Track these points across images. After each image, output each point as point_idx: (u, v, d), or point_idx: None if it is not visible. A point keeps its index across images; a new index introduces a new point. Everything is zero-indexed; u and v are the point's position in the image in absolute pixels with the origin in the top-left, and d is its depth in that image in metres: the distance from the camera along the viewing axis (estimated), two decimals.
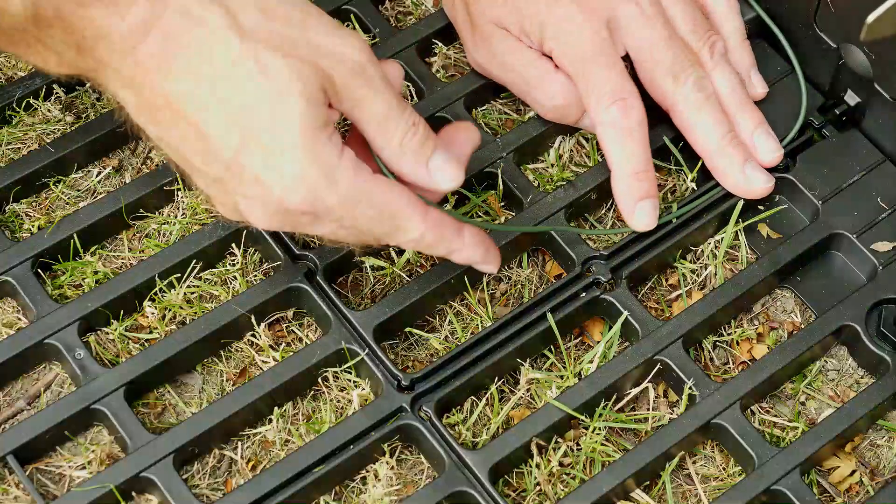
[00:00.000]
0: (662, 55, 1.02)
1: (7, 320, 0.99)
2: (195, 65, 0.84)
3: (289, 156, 0.85)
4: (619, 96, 0.99)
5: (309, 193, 0.86)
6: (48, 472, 0.94)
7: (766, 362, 0.98)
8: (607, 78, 1.00)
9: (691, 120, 1.02)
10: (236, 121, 0.84)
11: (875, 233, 1.03)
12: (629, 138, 1.00)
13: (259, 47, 0.84)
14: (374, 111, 0.88)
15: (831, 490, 0.96)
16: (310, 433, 0.96)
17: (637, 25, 1.02)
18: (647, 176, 1.00)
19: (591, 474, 0.95)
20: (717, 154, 1.02)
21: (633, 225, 1.00)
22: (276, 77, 0.84)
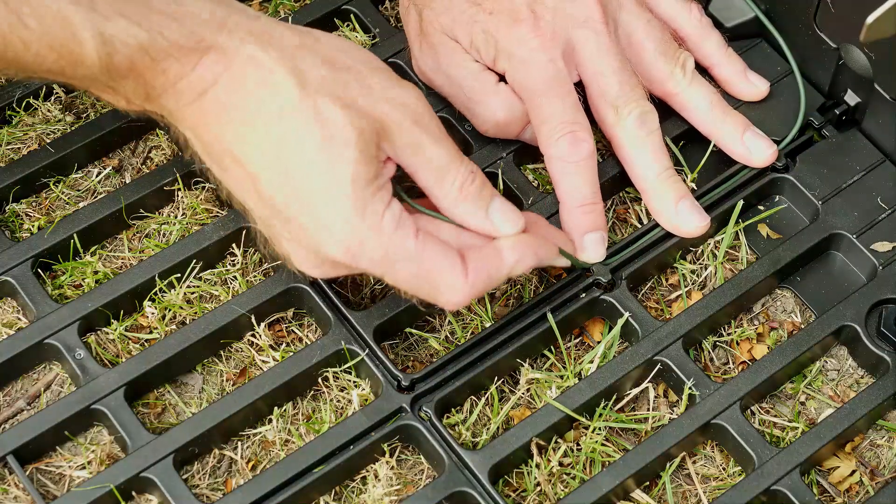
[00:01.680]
0: (608, 86, 1.01)
1: (7, 320, 0.99)
2: (255, 113, 0.86)
3: (335, 207, 0.86)
4: (569, 129, 0.98)
5: (351, 247, 0.87)
6: (48, 472, 0.94)
7: (766, 362, 0.98)
8: (559, 110, 0.99)
9: (630, 155, 1.02)
10: (288, 169, 0.86)
11: (875, 233, 1.03)
12: (577, 172, 0.99)
13: (318, 97, 0.86)
14: (433, 158, 0.89)
15: (831, 490, 0.96)
16: (310, 433, 0.96)
17: (590, 53, 1.00)
18: (594, 209, 0.99)
19: (591, 474, 0.95)
20: (653, 191, 1.02)
21: (582, 257, 0.99)
22: (332, 126, 0.85)
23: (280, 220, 0.88)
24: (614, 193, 1.06)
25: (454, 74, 1.02)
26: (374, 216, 0.87)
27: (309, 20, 1.10)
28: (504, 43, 0.99)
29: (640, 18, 1.03)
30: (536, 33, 0.99)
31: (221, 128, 0.87)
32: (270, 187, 0.87)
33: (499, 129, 1.03)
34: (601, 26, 1.00)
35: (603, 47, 1.00)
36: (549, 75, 0.99)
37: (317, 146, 0.85)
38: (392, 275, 0.89)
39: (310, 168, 0.86)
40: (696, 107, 1.04)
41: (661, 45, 1.03)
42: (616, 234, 1.05)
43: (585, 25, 1.00)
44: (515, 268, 0.92)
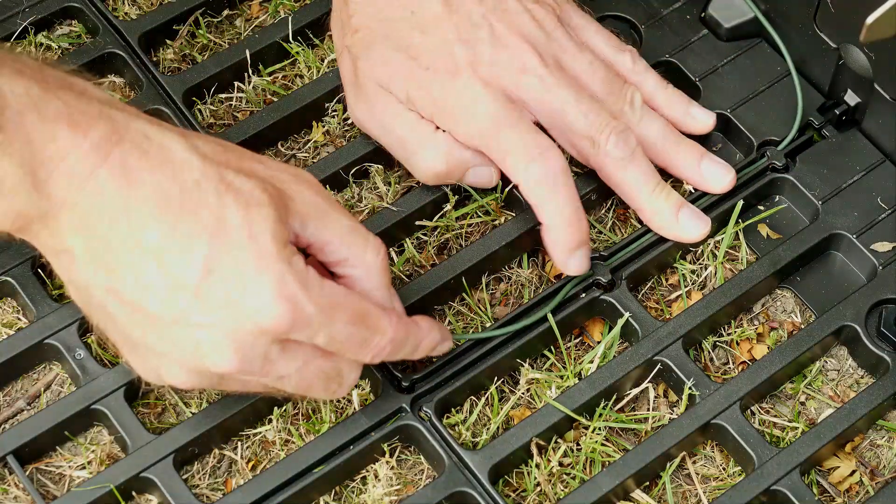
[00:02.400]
0: (574, 119, 0.99)
1: (7, 320, 0.99)
2: (158, 186, 0.81)
3: (263, 268, 0.81)
4: (535, 152, 0.97)
5: (288, 305, 0.81)
6: (48, 472, 0.94)
7: (766, 362, 0.98)
8: (516, 138, 0.97)
9: (618, 179, 1.01)
10: (202, 241, 0.80)
11: (875, 233, 1.03)
12: (555, 191, 0.97)
13: (221, 168, 0.82)
14: (344, 225, 0.87)
15: (831, 490, 0.96)
16: (310, 433, 0.96)
17: (539, 94, 0.99)
18: (579, 225, 0.98)
19: (591, 474, 0.95)
20: (650, 208, 1.01)
21: (568, 271, 0.98)
22: (243, 191, 0.82)
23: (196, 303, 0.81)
24: (614, 193, 1.06)
25: (390, 125, 1.00)
26: (300, 273, 0.83)
27: (309, 20, 1.10)
28: (442, 99, 0.98)
29: (581, 61, 1.01)
30: (476, 81, 0.97)
31: (121, 205, 0.80)
32: (182, 265, 0.80)
33: (439, 179, 1.01)
34: (542, 69, 0.98)
35: (551, 85, 0.99)
36: (497, 111, 0.97)
37: (232, 213, 0.81)
38: (329, 329, 0.84)
39: (230, 236, 0.81)
40: (649, 140, 1.02)
41: (606, 85, 1.01)
42: (616, 234, 1.05)
43: (525, 72, 0.98)
44: (426, 337, 0.91)
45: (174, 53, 1.11)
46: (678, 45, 1.11)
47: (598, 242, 1.04)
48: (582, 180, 1.04)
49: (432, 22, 0.99)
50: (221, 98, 1.09)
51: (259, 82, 1.09)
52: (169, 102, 1.06)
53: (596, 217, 1.06)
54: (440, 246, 1.04)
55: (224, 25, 1.13)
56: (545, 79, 0.99)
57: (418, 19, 0.99)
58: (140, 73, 1.07)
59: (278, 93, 1.09)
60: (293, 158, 1.07)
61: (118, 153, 0.80)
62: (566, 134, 1.00)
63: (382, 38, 0.99)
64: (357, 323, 0.86)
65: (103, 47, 1.09)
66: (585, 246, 0.98)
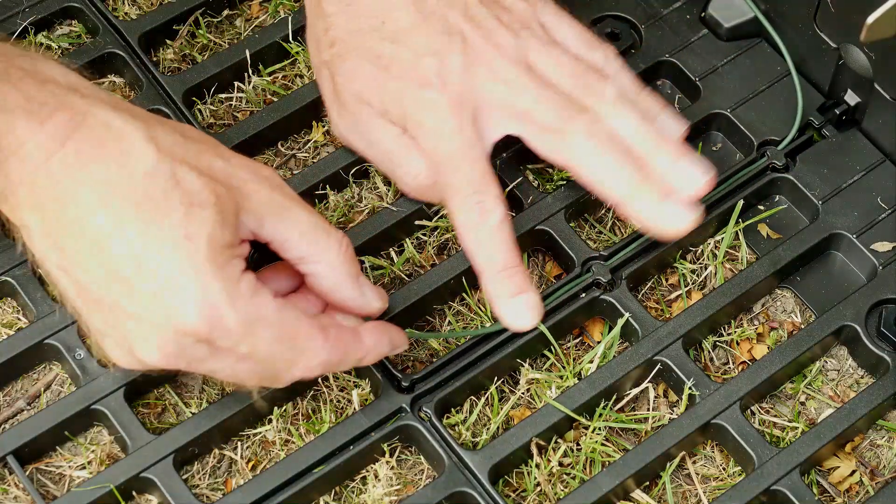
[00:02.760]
0: (542, 115, 0.96)
1: (7, 320, 0.99)
2: (108, 175, 0.82)
3: (191, 270, 0.81)
4: (478, 198, 0.95)
5: (208, 312, 0.82)
6: (48, 472, 0.94)
7: (766, 362, 0.98)
8: (466, 180, 0.95)
9: (592, 172, 0.97)
10: (142, 232, 0.81)
11: (875, 233, 1.03)
12: (491, 239, 0.95)
13: (175, 163, 0.83)
14: (303, 221, 0.87)
15: (831, 490, 0.96)
16: (310, 433, 0.96)
17: (507, 99, 0.97)
18: (516, 271, 0.96)
19: (591, 474, 0.95)
20: (631, 198, 0.96)
21: (510, 324, 0.96)
22: (190, 190, 0.82)
23: (127, 293, 0.82)
24: None
25: (374, 139, 1.00)
26: (230, 281, 0.82)
27: None
28: (411, 109, 0.97)
29: (549, 57, 0.99)
30: (443, 99, 0.96)
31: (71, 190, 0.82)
32: (119, 253, 0.81)
33: (422, 192, 1.00)
34: (510, 74, 0.97)
35: (519, 88, 0.97)
36: (457, 144, 0.96)
37: (174, 208, 0.82)
38: (251, 343, 0.83)
39: (167, 232, 0.81)
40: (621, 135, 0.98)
41: (575, 79, 0.99)
42: (616, 235, 1.05)
43: (494, 77, 0.97)
44: (371, 352, 0.90)
45: (174, 53, 1.11)
46: (678, 45, 1.11)
47: (598, 242, 1.04)
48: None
49: (403, 32, 0.97)
50: (221, 98, 1.09)
51: (259, 82, 1.09)
52: (169, 102, 1.06)
53: (596, 217, 1.06)
54: (440, 246, 1.04)
55: (224, 25, 1.13)
56: (512, 83, 0.97)
57: (389, 29, 0.98)
58: (140, 73, 1.07)
59: (278, 93, 1.09)
60: (293, 158, 1.07)
61: (73, 141, 0.82)
62: (537, 137, 0.98)
63: (355, 50, 0.98)
64: (283, 342, 0.85)
65: (103, 47, 1.09)
66: (525, 294, 0.96)
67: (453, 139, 0.96)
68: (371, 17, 0.98)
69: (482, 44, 0.98)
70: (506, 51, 0.98)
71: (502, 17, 0.99)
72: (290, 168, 1.07)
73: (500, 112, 0.97)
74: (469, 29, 0.98)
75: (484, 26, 0.98)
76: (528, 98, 0.97)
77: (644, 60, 1.10)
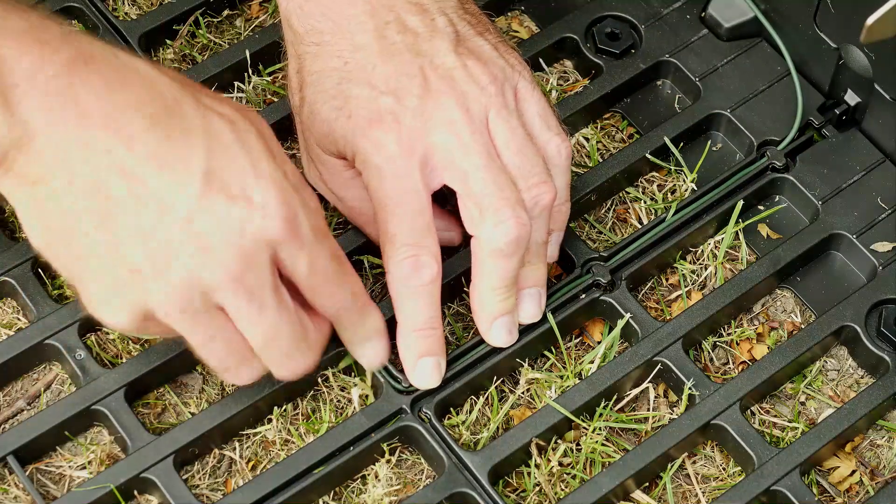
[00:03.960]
0: (474, 184, 0.92)
1: (7, 321, 0.99)
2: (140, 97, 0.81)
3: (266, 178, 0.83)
4: (413, 252, 0.92)
5: (289, 215, 0.83)
6: (48, 472, 0.94)
7: (766, 362, 0.98)
8: (406, 229, 0.92)
9: (482, 263, 0.94)
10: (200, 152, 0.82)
11: (875, 233, 1.03)
12: (417, 296, 0.93)
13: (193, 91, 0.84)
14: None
15: (831, 490, 0.96)
16: (310, 433, 0.96)
17: (454, 156, 0.93)
18: (432, 333, 0.94)
19: (591, 474, 0.95)
20: (484, 304, 0.95)
21: (414, 381, 0.95)
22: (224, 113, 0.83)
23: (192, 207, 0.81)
24: (614, 193, 1.06)
25: (343, 196, 0.99)
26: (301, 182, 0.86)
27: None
28: (361, 147, 0.93)
29: (507, 125, 0.95)
30: (394, 138, 0.93)
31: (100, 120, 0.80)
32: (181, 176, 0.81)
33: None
34: (464, 127, 0.93)
35: (468, 146, 0.93)
36: (401, 190, 0.92)
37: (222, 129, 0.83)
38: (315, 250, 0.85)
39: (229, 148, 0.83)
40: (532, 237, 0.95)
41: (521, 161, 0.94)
42: (616, 234, 1.05)
43: (447, 128, 0.93)
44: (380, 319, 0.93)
45: (174, 53, 1.11)
46: (678, 45, 1.11)
47: (598, 242, 1.04)
48: (581, 180, 1.04)
49: (364, 71, 0.95)
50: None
51: (259, 82, 1.09)
52: None
53: (596, 217, 1.06)
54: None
55: (224, 25, 1.13)
56: (463, 137, 0.93)
57: (351, 69, 0.95)
58: None
59: (278, 93, 1.09)
60: (293, 158, 1.07)
61: (91, 70, 0.80)
62: (462, 199, 0.94)
63: (317, 93, 0.96)
64: (335, 259, 0.87)
65: None
66: (436, 357, 0.95)
67: (398, 184, 0.93)
68: (336, 56, 0.95)
69: (444, 89, 0.94)
70: (466, 102, 0.94)
71: (473, 70, 0.95)
72: None
73: (442, 162, 0.94)
74: (433, 73, 0.94)
75: (450, 74, 0.95)
76: (471, 160, 0.93)
77: (644, 60, 1.10)
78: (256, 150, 0.83)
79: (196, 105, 0.83)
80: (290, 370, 0.89)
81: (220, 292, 0.83)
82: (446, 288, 0.99)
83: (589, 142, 1.08)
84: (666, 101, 1.11)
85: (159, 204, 0.81)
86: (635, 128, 1.10)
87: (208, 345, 0.86)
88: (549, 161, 0.97)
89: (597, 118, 1.10)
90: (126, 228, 0.81)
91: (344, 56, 0.95)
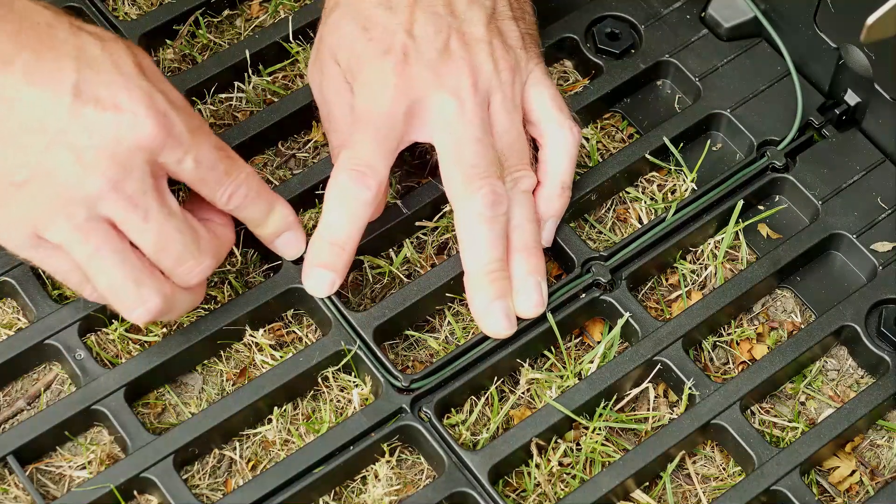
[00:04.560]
0: (466, 153, 0.96)
1: (7, 321, 0.99)
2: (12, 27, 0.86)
3: (134, 87, 0.86)
4: (363, 169, 0.95)
5: (161, 120, 0.86)
6: (48, 472, 0.94)
7: (766, 362, 0.98)
8: (367, 146, 0.95)
9: (467, 233, 0.96)
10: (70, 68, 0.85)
11: (875, 233, 1.03)
12: (345, 206, 0.95)
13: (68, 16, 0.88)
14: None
15: (831, 490, 0.96)
16: (310, 433, 0.96)
17: (450, 120, 0.96)
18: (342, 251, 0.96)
19: (591, 474, 0.95)
20: (474, 279, 0.96)
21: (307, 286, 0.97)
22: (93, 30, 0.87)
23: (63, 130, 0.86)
24: (614, 193, 1.06)
25: (330, 100, 1.00)
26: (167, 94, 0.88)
27: (309, 20, 1.10)
28: (366, 67, 0.97)
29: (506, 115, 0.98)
30: (397, 75, 0.96)
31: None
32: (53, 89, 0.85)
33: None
34: (469, 97, 0.97)
35: (468, 116, 0.97)
36: (382, 114, 0.96)
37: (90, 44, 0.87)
38: (196, 149, 0.88)
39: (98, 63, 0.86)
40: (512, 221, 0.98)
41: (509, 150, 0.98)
42: (616, 234, 1.05)
43: (452, 92, 0.97)
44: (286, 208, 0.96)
45: (174, 53, 1.11)
46: (678, 45, 1.11)
47: (598, 242, 1.04)
48: (581, 180, 1.04)
49: (399, 8, 0.98)
50: (221, 98, 1.09)
51: (259, 82, 1.09)
52: None
53: (596, 217, 1.06)
54: (440, 246, 1.04)
55: (224, 25, 1.13)
56: (464, 108, 0.97)
57: (390, 2, 0.98)
58: None
59: (278, 93, 1.09)
60: (293, 158, 1.07)
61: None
62: (451, 167, 0.97)
63: (350, 7, 0.99)
64: (220, 149, 0.90)
65: None
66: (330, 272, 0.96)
67: (383, 107, 0.96)
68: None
69: (463, 55, 0.98)
70: (478, 76, 0.98)
71: (497, 50, 0.99)
72: (290, 168, 1.07)
73: (437, 122, 0.97)
74: (457, 38, 0.98)
75: (473, 45, 0.98)
76: (468, 134, 0.96)
77: (644, 60, 1.10)
78: (125, 64, 0.87)
79: (69, 28, 0.87)
80: (185, 275, 0.91)
81: (102, 202, 0.86)
82: (447, 287, 0.99)
83: (589, 142, 1.08)
84: (666, 101, 1.11)
85: (34, 120, 0.85)
86: (635, 128, 1.10)
87: (96, 257, 0.88)
88: (558, 146, 1.00)
89: (597, 118, 1.10)
90: (8, 146, 0.86)
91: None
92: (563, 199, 1.00)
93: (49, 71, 0.85)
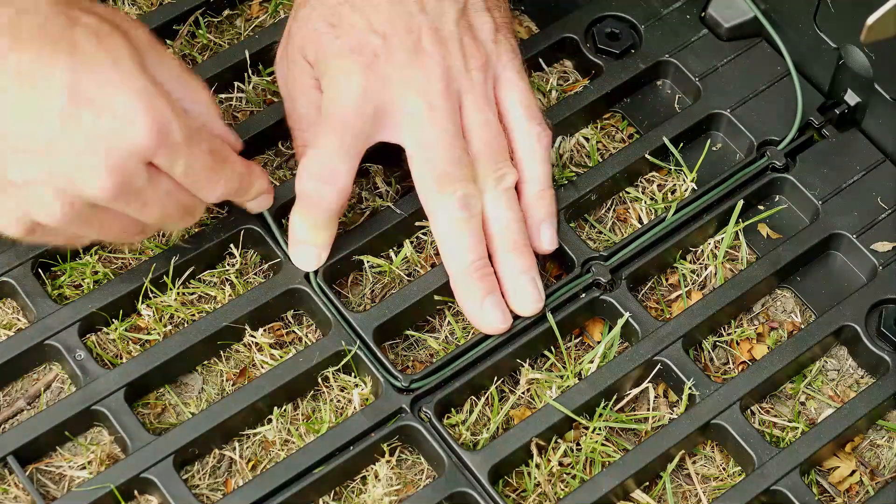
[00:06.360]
0: (436, 154, 0.96)
1: (7, 321, 0.99)
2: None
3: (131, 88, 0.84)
4: (326, 169, 0.95)
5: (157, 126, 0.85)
6: (48, 472, 0.94)
7: (766, 362, 0.98)
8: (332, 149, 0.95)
9: (444, 237, 0.97)
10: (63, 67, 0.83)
11: (875, 233, 1.03)
12: (307, 210, 0.96)
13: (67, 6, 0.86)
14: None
15: (831, 490, 0.96)
16: (310, 433, 0.96)
17: (420, 121, 0.96)
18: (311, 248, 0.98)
19: (591, 474, 0.95)
20: (460, 281, 0.97)
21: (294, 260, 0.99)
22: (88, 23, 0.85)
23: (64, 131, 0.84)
24: (614, 193, 1.06)
25: (297, 99, 1.00)
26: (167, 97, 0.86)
27: None
28: (333, 65, 0.96)
29: (478, 112, 0.98)
30: (364, 74, 0.95)
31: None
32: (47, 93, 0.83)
33: None
34: (439, 99, 0.96)
35: (438, 117, 0.96)
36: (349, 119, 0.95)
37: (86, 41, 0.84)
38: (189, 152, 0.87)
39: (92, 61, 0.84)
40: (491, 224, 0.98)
41: (486, 149, 0.98)
42: (616, 234, 1.05)
43: (421, 94, 0.96)
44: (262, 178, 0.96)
45: (174, 53, 1.11)
46: (678, 45, 1.11)
47: (598, 242, 1.04)
48: (581, 180, 1.04)
49: (368, 5, 0.97)
50: (221, 98, 1.09)
51: (259, 82, 1.09)
52: None
53: (596, 217, 1.06)
54: None
55: (224, 25, 1.14)
56: (434, 109, 0.96)
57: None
58: None
59: (278, 93, 1.09)
60: (293, 158, 1.07)
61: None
62: (419, 167, 0.97)
63: (322, 5, 0.98)
64: (213, 154, 0.89)
65: None
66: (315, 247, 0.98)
67: (349, 108, 0.95)
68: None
69: (434, 55, 0.97)
70: (449, 76, 0.97)
71: (468, 47, 0.98)
72: (290, 168, 1.07)
73: (406, 123, 0.96)
74: (428, 35, 0.97)
75: (444, 43, 0.97)
76: (436, 135, 0.96)
77: (644, 60, 1.10)
78: (123, 60, 0.85)
79: (65, 21, 0.85)
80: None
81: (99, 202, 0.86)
82: (447, 287, 0.99)
83: (589, 142, 1.08)
84: (666, 101, 1.11)
85: (29, 122, 0.84)
86: (635, 128, 1.10)
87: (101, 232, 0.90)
88: (529, 149, 0.99)
89: (597, 118, 1.10)
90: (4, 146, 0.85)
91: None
92: (545, 199, 1.00)
93: (44, 72, 0.83)
